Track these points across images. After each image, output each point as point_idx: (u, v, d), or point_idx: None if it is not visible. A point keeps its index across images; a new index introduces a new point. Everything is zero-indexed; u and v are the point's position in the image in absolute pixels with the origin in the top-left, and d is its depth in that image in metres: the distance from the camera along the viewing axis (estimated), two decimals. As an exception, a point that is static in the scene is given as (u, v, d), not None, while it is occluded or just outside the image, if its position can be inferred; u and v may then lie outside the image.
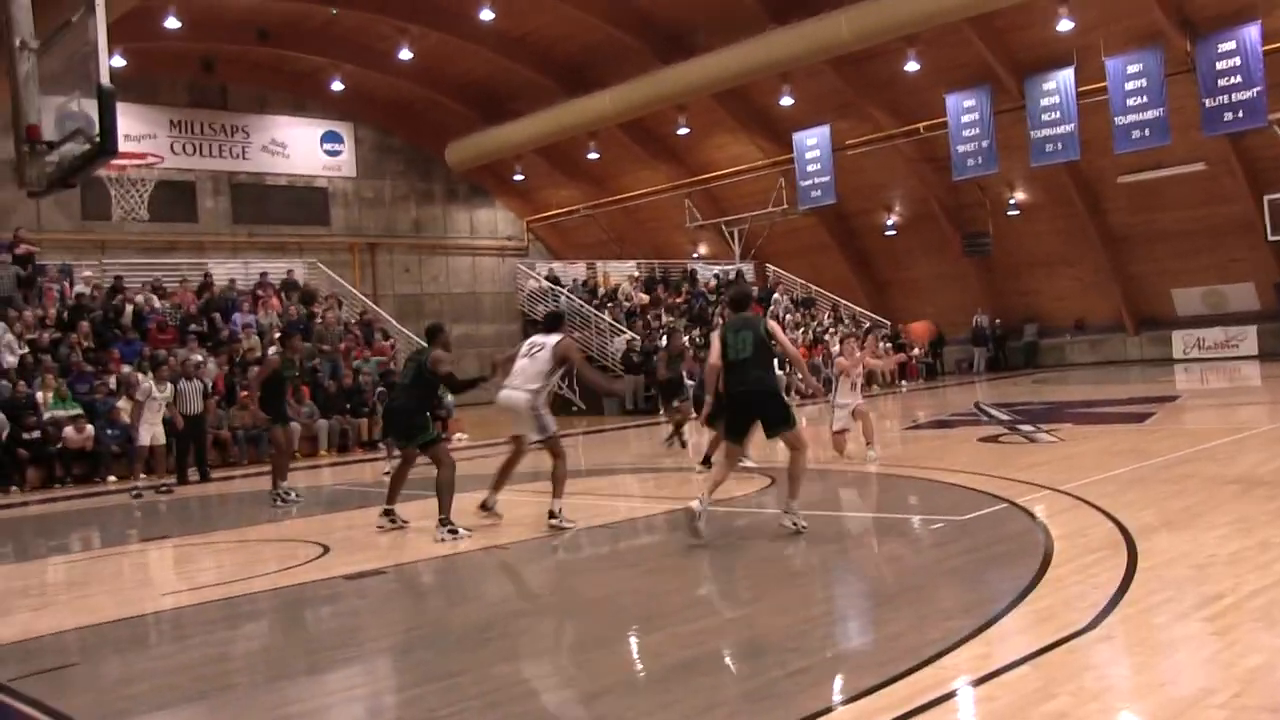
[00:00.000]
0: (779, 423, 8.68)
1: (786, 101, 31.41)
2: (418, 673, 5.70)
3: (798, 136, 32.93)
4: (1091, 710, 4.24)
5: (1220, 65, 25.29)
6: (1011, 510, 8.85)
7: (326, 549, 9.44)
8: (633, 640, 6.10)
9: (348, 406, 22.10)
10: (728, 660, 5.54)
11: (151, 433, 16.34)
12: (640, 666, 5.65)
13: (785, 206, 34.57)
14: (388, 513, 10.25)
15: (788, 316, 33.41)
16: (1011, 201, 32.46)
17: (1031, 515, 8.52)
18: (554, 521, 9.51)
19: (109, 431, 18.66)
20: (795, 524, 8.53)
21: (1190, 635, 5.19)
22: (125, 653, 6.61)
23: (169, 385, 16.77)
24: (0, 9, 9.55)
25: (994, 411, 19.00)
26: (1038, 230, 32.70)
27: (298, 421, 13.93)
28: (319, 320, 25.17)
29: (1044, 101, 28.03)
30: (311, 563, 8.90)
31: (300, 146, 35.49)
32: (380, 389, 20.98)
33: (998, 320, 35.27)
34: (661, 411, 19.18)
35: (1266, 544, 6.87)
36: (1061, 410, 18.78)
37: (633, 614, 6.69)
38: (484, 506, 10.06)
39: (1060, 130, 27.81)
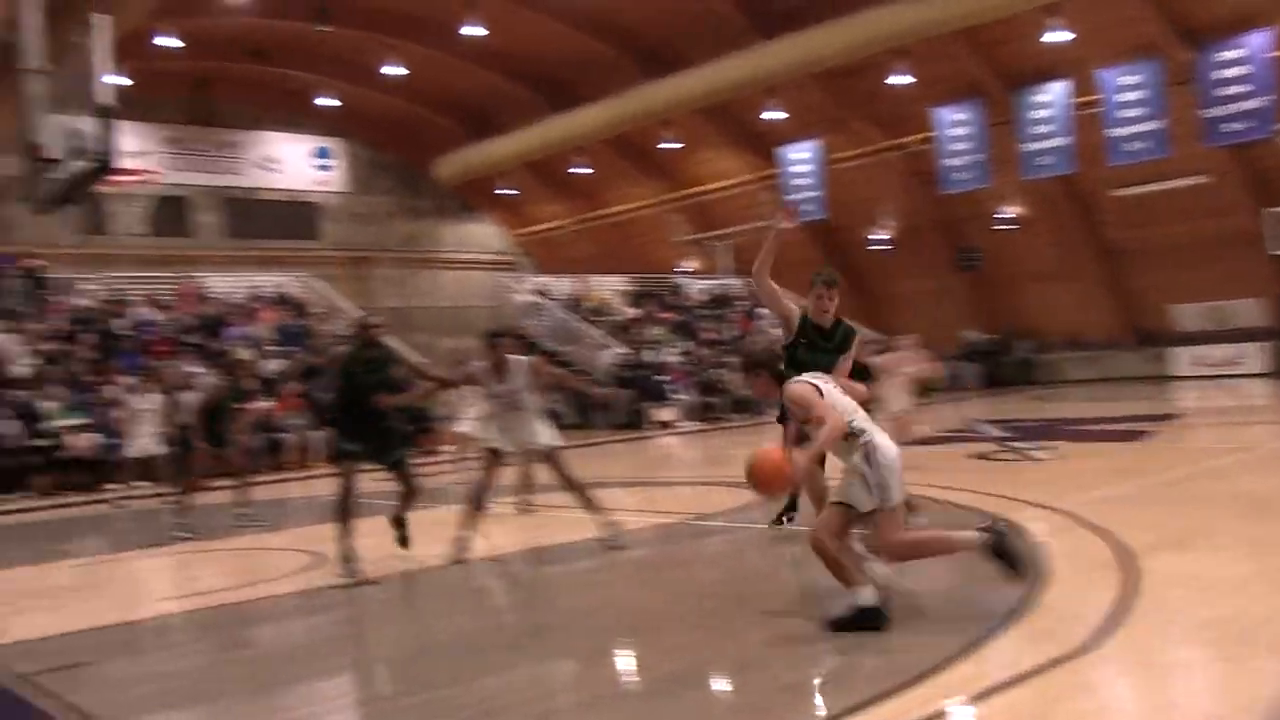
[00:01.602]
0: None
1: (773, 116, 31.41)
2: (411, 682, 5.67)
3: (784, 151, 32.93)
4: (1090, 731, 4.14)
5: (1224, 74, 24.97)
6: (1004, 528, 8.73)
7: (320, 558, 9.37)
8: (621, 653, 6.04)
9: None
10: (715, 675, 5.45)
11: (141, 443, 16.36)
12: (628, 679, 5.59)
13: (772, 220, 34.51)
14: None
15: (776, 330, 33.30)
16: (1003, 215, 32.42)
17: (1025, 534, 8.42)
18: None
19: (109, 440, 18.82)
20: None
21: (1194, 660, 5.06)
22: (130, 654, 6.73)
23: (160, 396, 16.80)
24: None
25: (986, 428, 18.83)
26: (1030, 244, 32.65)
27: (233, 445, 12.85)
28: (312, 335, 25.22)
29: (1035, 114, 28.02)
30: (305, 572, 8.88)
31: (292, 162, 35.63)
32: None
33: (990, 335, 35.07)
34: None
35: (1274, 567, 6.68)
36: (1057, 427, 18.41)
37: (620, 627, 6.62)
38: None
39: (1052, 143, 27.79)
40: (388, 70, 31.02)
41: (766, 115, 31.49)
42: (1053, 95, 27.74)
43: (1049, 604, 6.10)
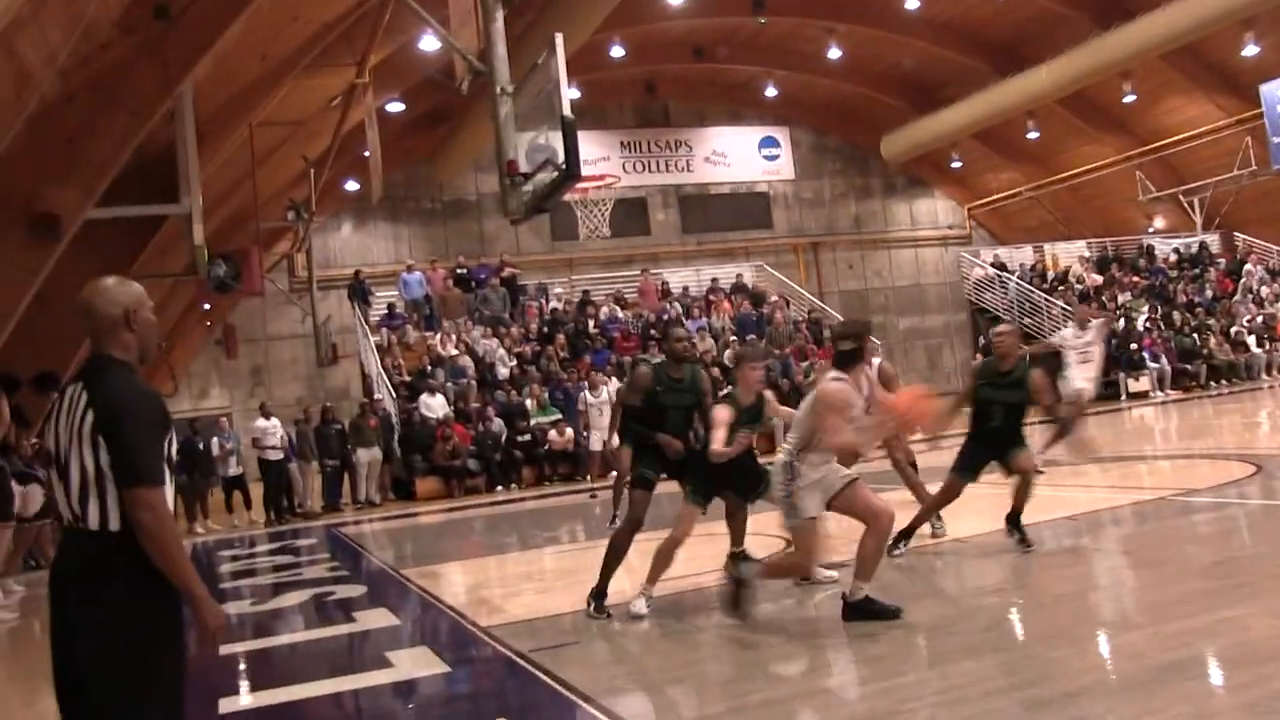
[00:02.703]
0: None
1: (1251, 51, 28.65)
2: (874, 669, 5.68)
3: (1267, 88, 29.97)
4: None
5: None
6: None
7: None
8: (1108, 639, 5.75)
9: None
10: (1218, 666, 5.09)
11: (601, 436, 17.68)
12: (1119, 667, 5.29)
13: (1254, 168, 31.63)
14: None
15: (1264, 289, 30.54)
16: None
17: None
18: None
19: (584, 435, 20.38)
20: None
21: None
22: (606, 636, 7.08)
23: (610, 391, 18.16)
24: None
25: None
26: None
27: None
28: (770, 322, 25.84)
29: None
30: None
31: (740, 154, 36.58)
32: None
33: None
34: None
35: None
36: None
37: (1106, 611, 6.32)
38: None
39: None
40: (827, 54, 31.23)
41: (1244, 51, 28.75)
42: None
43: None
